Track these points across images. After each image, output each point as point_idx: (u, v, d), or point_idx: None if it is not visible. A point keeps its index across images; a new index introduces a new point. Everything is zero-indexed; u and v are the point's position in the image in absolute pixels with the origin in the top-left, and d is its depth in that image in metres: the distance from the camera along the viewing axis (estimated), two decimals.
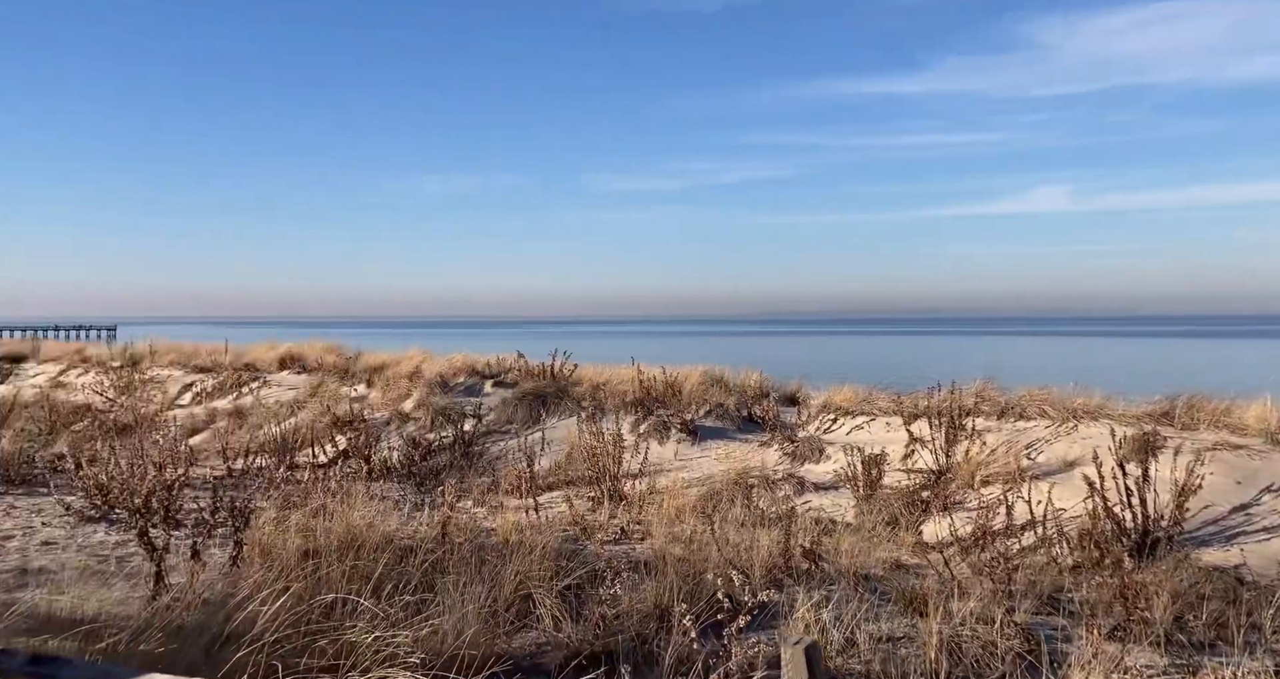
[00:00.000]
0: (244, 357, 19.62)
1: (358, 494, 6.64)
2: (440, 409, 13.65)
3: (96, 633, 3.25)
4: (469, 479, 9.82)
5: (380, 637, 2.72)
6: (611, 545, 6.18)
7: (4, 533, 6.36)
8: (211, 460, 11.03)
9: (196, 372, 19.57)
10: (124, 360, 20.83)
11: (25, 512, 7.12)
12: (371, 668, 2.58)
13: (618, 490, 8.08)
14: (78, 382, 20.16)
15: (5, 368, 22.91)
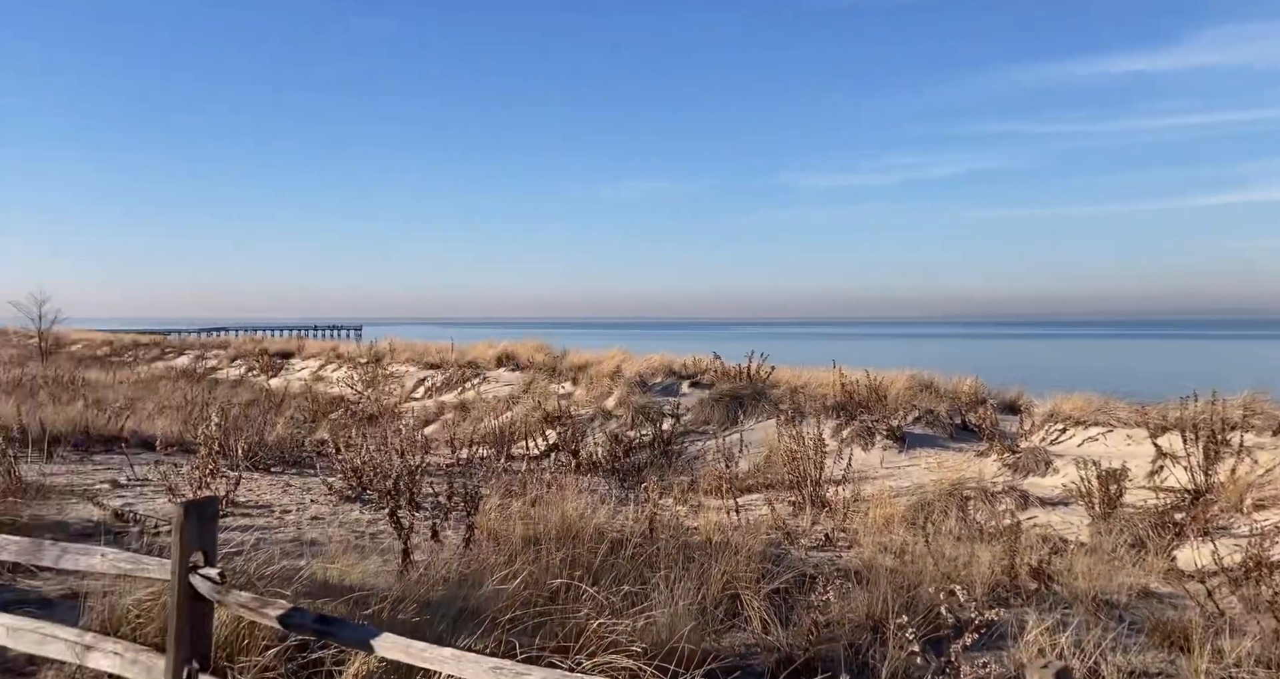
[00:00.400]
0: (466, 355, 21.43)
1: (569, 487, 7.04)
2: (640, 408, 14.11)
3: (362, 600, 3.72)
4: (668, 477, 10.07)
5: (604, 623, 2.89)
6: (816, 552, 6.09)
7: (283, 507, 7.41)
8: (441, 449, 12.14)
9: (427, 368, 21.65)
10: (369, 357, 23.50)
11: (298, 490, 8.24)
12: (597, 653, 2.75)
13: (820, 496, 7.92)
14: (333, 376, 23.01)
15: (277, 363, 26.65)
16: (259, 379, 24.62)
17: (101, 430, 10.49)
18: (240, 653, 3.15)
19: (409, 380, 20.74)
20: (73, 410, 11.72)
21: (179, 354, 31.12)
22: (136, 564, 3.17)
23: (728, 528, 6.48)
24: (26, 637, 3.31)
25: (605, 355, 18.45)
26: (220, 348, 31.51)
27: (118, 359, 30.83)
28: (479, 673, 2.50)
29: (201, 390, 19.24)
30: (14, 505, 6.16)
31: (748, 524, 6.61)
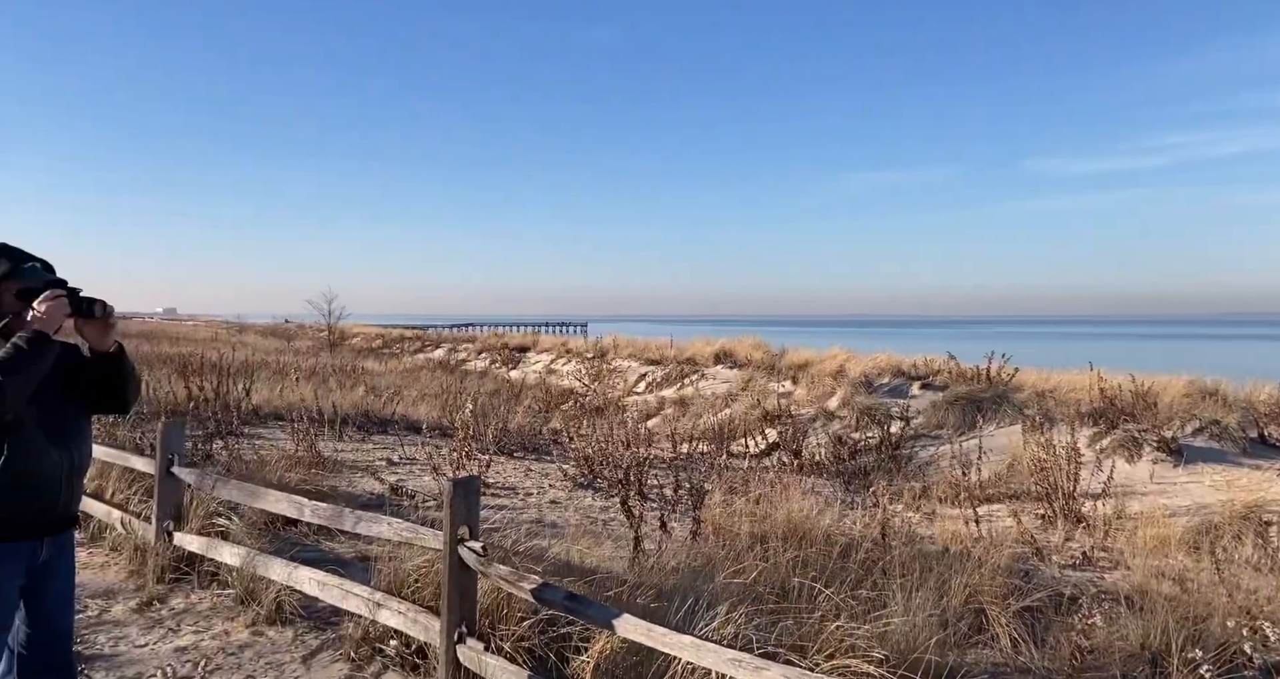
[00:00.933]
0: (685, 352, 21.93)
1: (794, 487, 6.96)
2: (865, 409, 13.61)
3: (600, 582, 3.94)
4: (897, 482, 9.62)
5: (842, 626, 2.83)
6: (1072, 570, 5.53)
7: (525, 490, 8.05)
8: (662, 443, 12.52)
9: (648, 364, 22.44)
10: (595, 353, 24.81)
11: (537, 474, 8.91)
12: (835, 655, 2.70)
13: (1074, 510, 7.17)
14: (563, 369, 24.57)
15: (516, 356, 28.96)
16: (500, 371, 26.90)
17: (377, 414, 12.01)
18: (500, 621, 3.46)
19: (631, 375, 21.61)
20: (354, 395, 13.54)
21: (435, 347, 34.81)
22: (415, 533, 3.59)
23: (966, 538, 6.07)
24: (333, 591, 3.88)
25: (826, 354, 18.01)
26: (468, 342, 34.82)
27: (387, 351, 35.11)
28: (718, 662, 2.55)
29: (454, 380, 21.40)
30: (316, 477, 7.22)
31: (990, 536, 6.15)
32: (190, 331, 47.90)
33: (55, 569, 2.45)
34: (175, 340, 32.41)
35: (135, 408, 9.52)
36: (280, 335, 44.87)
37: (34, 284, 2.36)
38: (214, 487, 4.52)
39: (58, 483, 2.39)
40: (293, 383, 14.90)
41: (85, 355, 2.51)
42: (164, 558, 4.61)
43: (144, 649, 3.75)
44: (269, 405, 11.55)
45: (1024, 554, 5.94)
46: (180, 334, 42.03)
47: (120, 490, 5.64)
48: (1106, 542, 6.30)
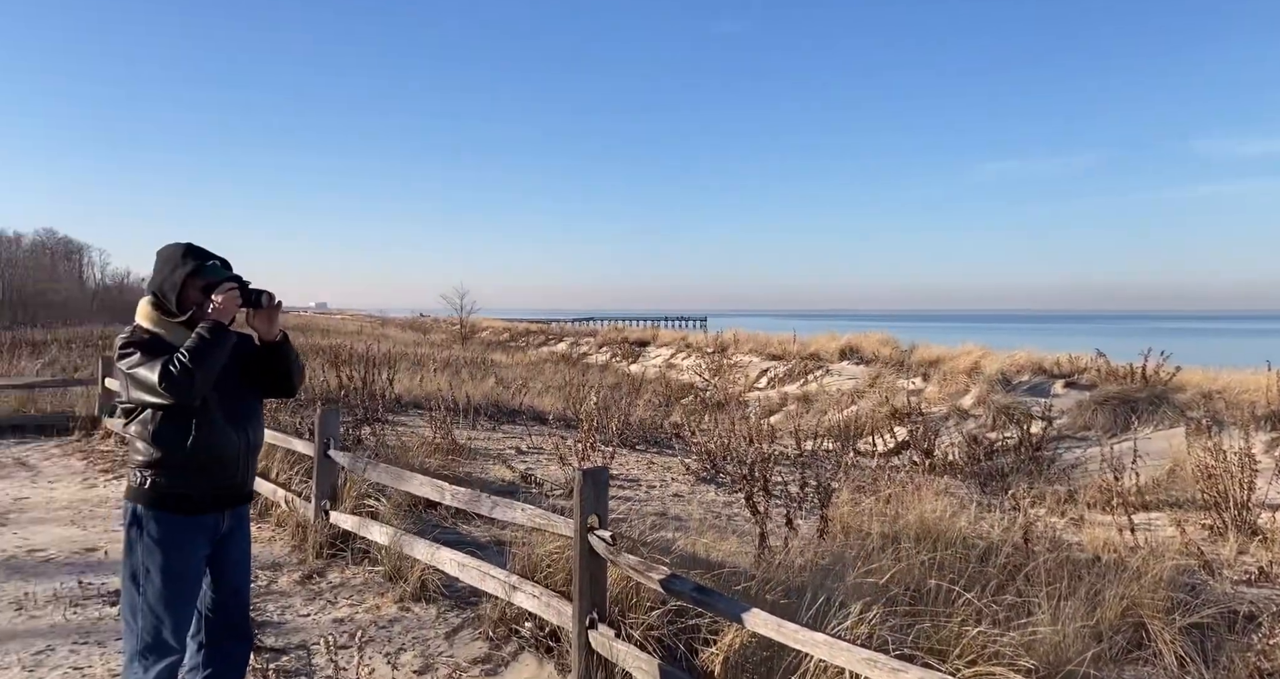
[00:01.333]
0: (808, 347, 21.50)
1: (926, 487, 6.70)
2: (1002, 408, 12.91)
3: (727, 577, 3.95)
4: (1038, 485, 9.07)
5: (985, 632, 2.71)
6: (1246, 587, 5.05)
7: (648, 482, 8.15)
8: (784, 439, 12.34)
9: (770, 359, 22.16)
10: (715, 347, 24.74)
11: (659, 467, 9.00)
12: (977, 662, 2.59)
13: (1248, 522, 6.53)
14: (683, 364, 24.66)
15: (635, 350, 29.31)
16: (621, 365, 27.32)
17: (506, 404, 12.49)
18: (630, 610, 3.53)
19: (752, 371, 21.41)
20: (485, 386, 14.12)
21: (558, 341, 35.77)
22: (547, 520, 3.72)
23: (1120, 547, 5.66)
24: (472, 572, 4.08)
25: (959, 351, 17.21)
26: (590, 336, 35.55)
27: (514, 344, 36.41)
28: (852, 661, 2.50)
29: (576, 373, 21.93)
30: (453, 463, 7.60)
31: (1148, 546, 5.70)
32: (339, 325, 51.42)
33: (235, 539, 2.71)
34: (326, 333, 34.89)
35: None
36: (417, 329, 47.44)
37: (214, 279, 2.60)
38: (365, 469, 4.84)
39: (236, 461, 2.63)
40: (430, 373, 15.73)
41: (256, 345, 2.76)
42: (321, 535, 4.99)
43: (306, 618, 4.07)
44: (409, 394, 12.24)
45: (1188, 567, 5.47)
46: (330, 327, 45.23)
47: (283, 471, 6.15)
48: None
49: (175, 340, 2.52)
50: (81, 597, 4.31)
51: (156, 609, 2.47)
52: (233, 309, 2.58)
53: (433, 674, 3.51)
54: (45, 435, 9.40)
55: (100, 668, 3.48)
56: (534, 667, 3.62)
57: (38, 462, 8.10)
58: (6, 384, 10.00)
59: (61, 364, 14.11)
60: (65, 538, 5.44)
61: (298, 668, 3.49)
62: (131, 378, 2.45)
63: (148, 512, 2.50)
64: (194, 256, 2.61)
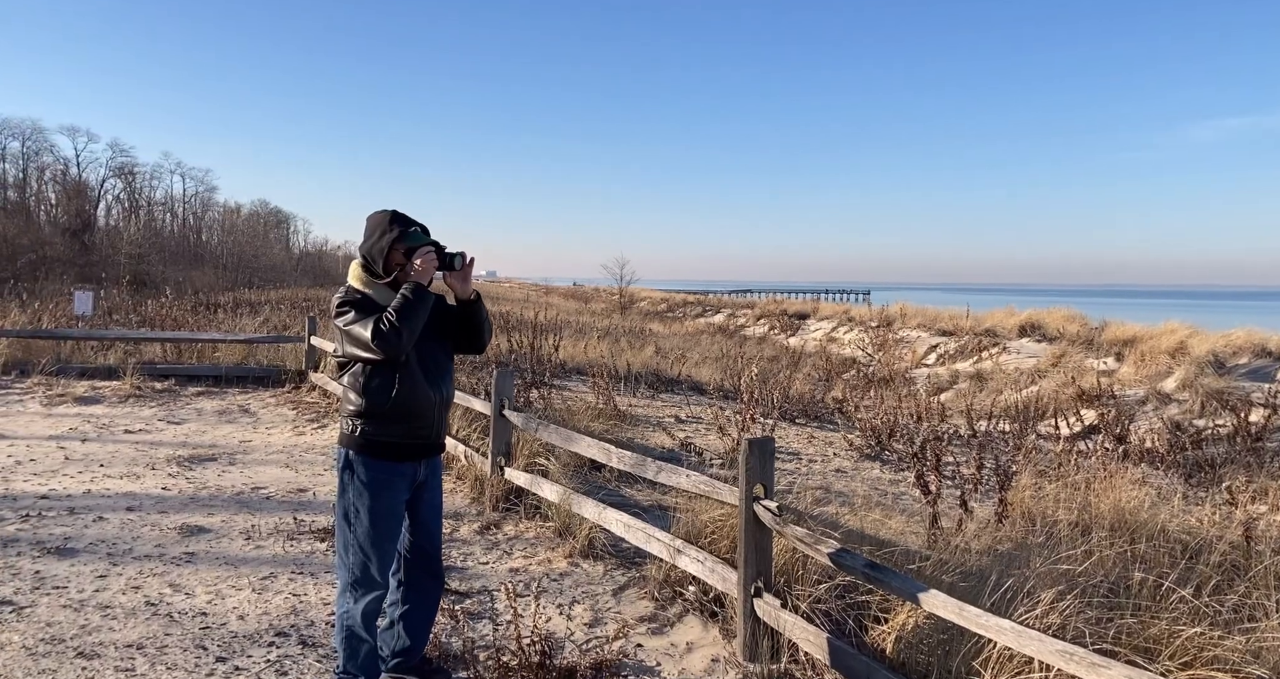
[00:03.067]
0: (983, 322, 20.19)
1: (1120, 474, 6.14)
2: (1214, 392, 11.59)
3: (898, 556, 3.81)
4: (1258, 479, 8.06)
5: (1203, 633, 2.44)
6: None
7: (809, 457, 8.01)
8: (954, 419, 11.70)
9: (940, 334, 21.03)
10: (879, 321, 23.79)
11: (820, 442, 8.82)
12: (1193, 665, 2.34)
13: None
14: (844, 338, 23.93)
15: (794, 323, 28.76)
16: (779, 337, 26.92)
17: (665, 373, 12.67)
18: (795, 581, 3.50)
19: (920, 346, 20.42)
20: (644, 355, 14.39)
21: (716, 312, 35.78)
22: (712, 487, 3.73)
23: None
24: (637, 534, 4.19)
25: (1161, 329, 15.55)
26: (747, 308, 35.26)
27: (671, 315, 36.82)
28: (1044, 652, 2.34)
29: (734, 344, 21.85)
30: (615, 428, 7.82)
31: None
32: (507, 292, 54.21)
33: (431, 487, 2.93)
34: (495, 300, 36.89)
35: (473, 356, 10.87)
36: (579, 297, 49.10)
37: (416, 244, 2.78)
38: (536, 430, 5.08)
39: (432, 413, 2.83)
40: (592, 341, 16.24)
41: (450, 304, 2.93)
42: (497, 489, 5.30)
43: (486, 567, 4.36)
44: (572, 361, 12.70)
45: None
46: (499, 294, 47.81)
47: (463, 428, 6.59)
48: None
49: (382, 300, 2.73)
50: (296, 531, 4.84)
51: (365, 546, 2.72)
52: (431, 271, 2.75)
53: (602, 627, 3.65)
54: (263, 386, 10.60)
55: (314, 596, 3.91)
56: (699, 629, 3.67)
57: (257, 409, 9.15)
58: (233, 339, 11.35)
59: (274, 323, 15.79)
60: (281, 478, 6.13)
61: (480, 610, 3.75)
62: (347, 334, 2.69)
63: (358, 457, 2.74)
64: (398, 223, 2.81)
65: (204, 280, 35.41)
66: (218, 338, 11.48)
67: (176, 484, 5.85)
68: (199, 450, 6.95)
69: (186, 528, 4.83)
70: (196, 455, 6.75)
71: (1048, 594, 2.73)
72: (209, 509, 5.26)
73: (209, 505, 5.35)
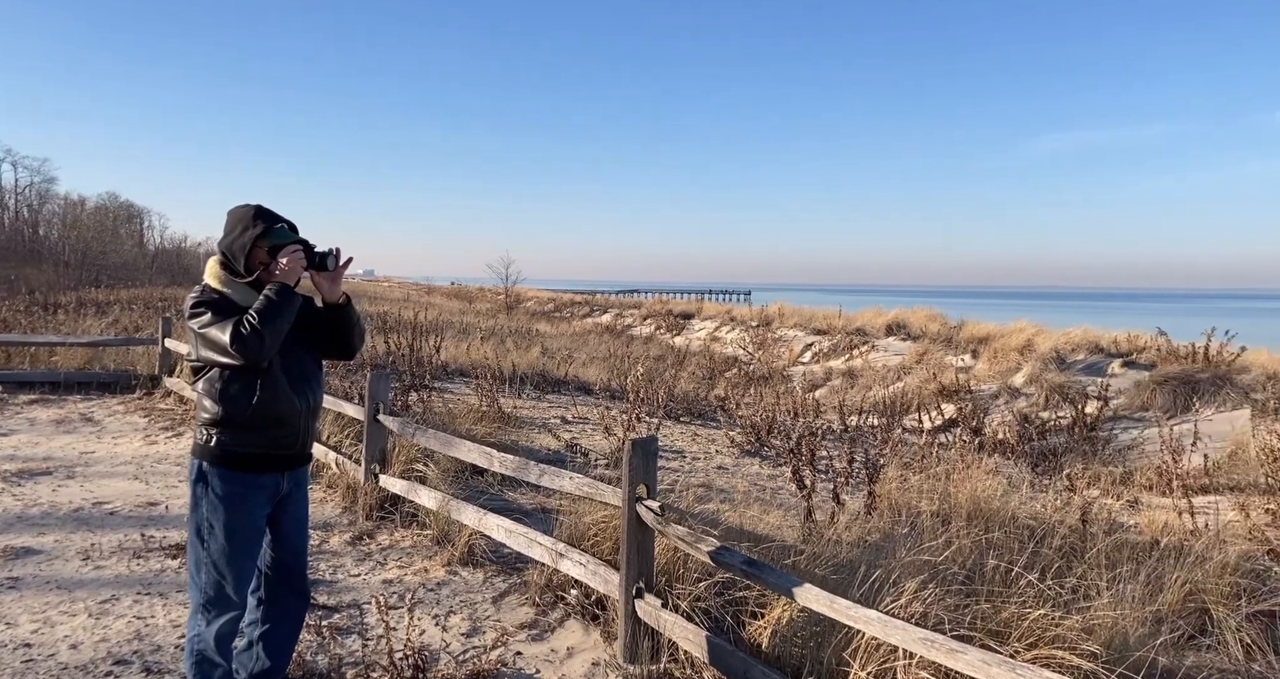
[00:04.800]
0: (854, 322, 21.19)
1: (976, 465, 6.57)
2: (1056, 386, 12.60)
3: (774, 551, 3.92)
4: (1093, 466, 8.85)
5: (1047, 614, 2.63)
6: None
7: (693, 454, 8.14)
8: (828, 415, 12.22)
9: (814, 333, 21.90)
10: (759, 321, 24.54)
11: (704, 439, 8.98)
12: (1038, 645, 2.52)
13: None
14: (727, 337, 24.52)
15: (680, 323, 29.23)
16: (665, 337, 27.28)
17: (551, 374, 12.56)
18: (677, 580, 3.53)
19: (796, 345, 21.19)
20: (530, 356, 14.22)
21: (603, 312, 35.83)
22: (595, 489, 3.72)
23: (1179, 531, 5.49)
24: (519, 539, 4.11)
25: (1011, 328, 16.80)
26: (634, 307, 35.52)
27: (558, 315, 36.60)
28: (907, 640, 2.45)
29: (621, 344, 21.97)
30: (499, 431, 7.67)
31: (1210, 530, 5.52)
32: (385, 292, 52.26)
33: (295, 500, 2.75)
34: (374, 300, 35.48)
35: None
36: (463, 297, 47.98)
37: (282, 242, 2.61)
38: (414, 435, 4.90)
39: (297, 422, 2.66)
40: (476, 342, 15.90)
41: (318, 307, 2.77)
42: (371, 497, 5.09)
43: (357, 579, 4.16)
44: (455, 362, 12.38)
45: (1252, 552, 5.29)
46: (377, 293, 46.01)
47: (334, 434, 6.27)
48: None
49: (242, 300, 2.54)
50: (144, 549, 4.46)
51: (219, 564, 2.53)
52: (298, 271, 2.59)
53: (480, 637, 3.56)
54: (110, 392, 9.74)
55: (163, 618, 3.61)
56: (580, 633, 3.65)
57: (102, 417, 8.40)
58: (74, 342, 10.37)
59: (124, 324, 14.58)
60: (129, 492, 5.64)
61: (350, 625, 3.57)
62: (202, 337, 2.49)
63: (213, 469, 2.55)
64: (263, 219, 2.62)
65: (41, 279, 32.26)
66: (55, 340, 10.45)
67: (0, 502, 5.28)
68: (30, 464, 6.30)
69: (10, 551, 4.36)
70: (27, 469, 6.12)
71: (911, 584, 2.87)
72: (40, 529, 4.77)
73: (40, 524, 4.85)
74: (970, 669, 2.27)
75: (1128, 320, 17.37)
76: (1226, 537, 5.39)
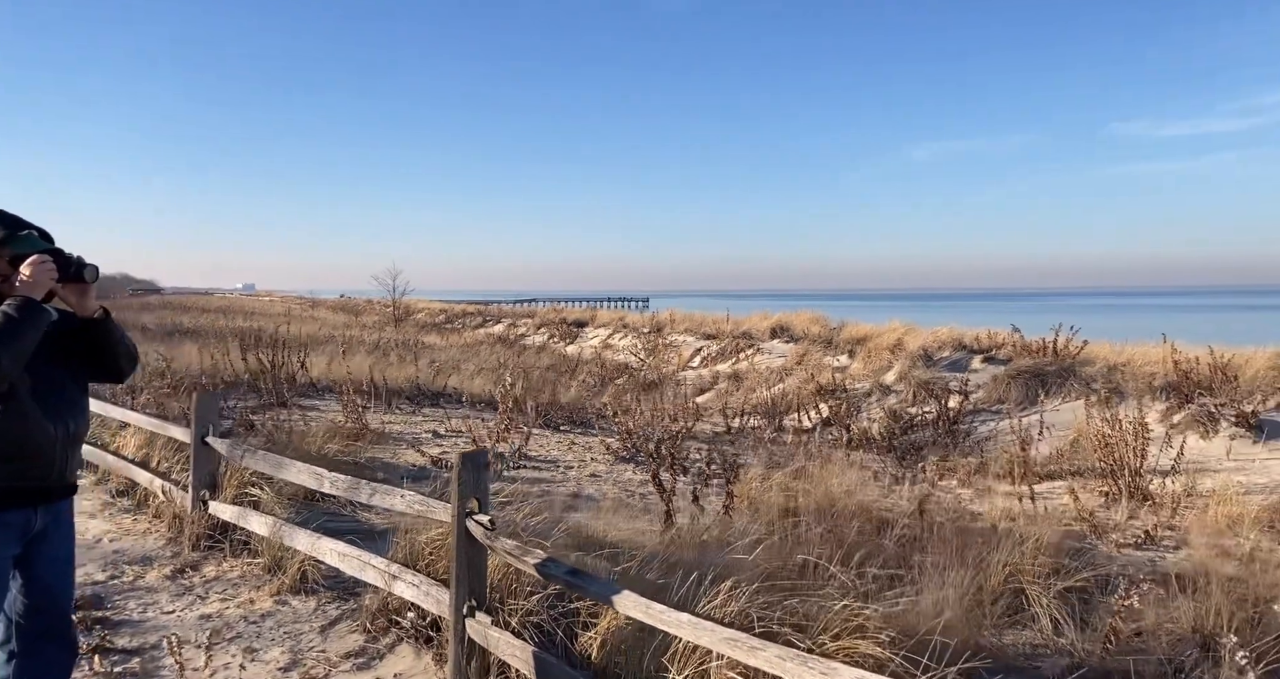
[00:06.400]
0: (741, 326, 21.63)
1: (837, 461, 6.76)
2: (922, 383, 13.18)
3: (618, 556, 3.86)
4: (953, 458, 9.29)
5: (849, 606, 2.68)
6: (1131, 550, 5.21)
7: (566, 463, 8.03)
8: (715, 417, 12.37)
9: (704, 338, 22.23)
10: (651, 327, 24.70)
11: (581, 448, 8.89)
12: (842, 635, 2.55)
13: (1139, 488, 6.77)
14: (620, 344, 24.56)
15: (573, 331, 29.08)
16: (558, 346, 27.08)
17: (429, 387, 12.19)
18: (510, 596, 3.41)
19: (686, 350, 21.44)
20: (408, 370, 13.77)
21: (496, 322, 35.24)
22: (426, 506, 3.56)
23: (1019, 516, 5.80)
24: (352, 562, 3.89)
25: (886, 328, 17.53)
26: (528, 317, 35.11)
27: (449, 326, 35.74)
28: (714, 641, 2.43)
29: (511, 355, 21.62)
30: (357, 448, 7.34)
31: (1044, 513, 5.86)
32: (265, 306, 49.67)
33: (52, 538, 2.46)
34: (249, 315, 33.62)
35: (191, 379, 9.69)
36: (349, 310, 46.17)
37: (27, 250, 2.34)
38: (242, 457, 4.59)
39: (52, 450, 2.38)
40: (358, 356, 15.27)
41: (79, 322, 2.50)
42: (199, 526, 4.73)
43: (170, 616, 3.83)
44: (327, 378, 11.83)
45: (1080, 532, 5.64)
46: (256, 309, 43.64)
47: (165, 459, 5.82)
48: (1174, 520, 5.92)
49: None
50: None
51: None
52: (45, 282, 2.32)
53: (299, 670, 3.33)
54: None
55: None
56: (411, 658, 3.47)
57: None
58: None
59: None
60: None
61: (148, 670, 3.27)
62: None
63: None
64: (3, 225, 2.35)
65: None
66: None
67: None
68: None
69: None
70: None
71: (727, 583, 2.87)
72: None
73: None
74: (769, 666, 2.26)
75: (993, 318, 18.43)
76: (1057, 519, 5.74)
